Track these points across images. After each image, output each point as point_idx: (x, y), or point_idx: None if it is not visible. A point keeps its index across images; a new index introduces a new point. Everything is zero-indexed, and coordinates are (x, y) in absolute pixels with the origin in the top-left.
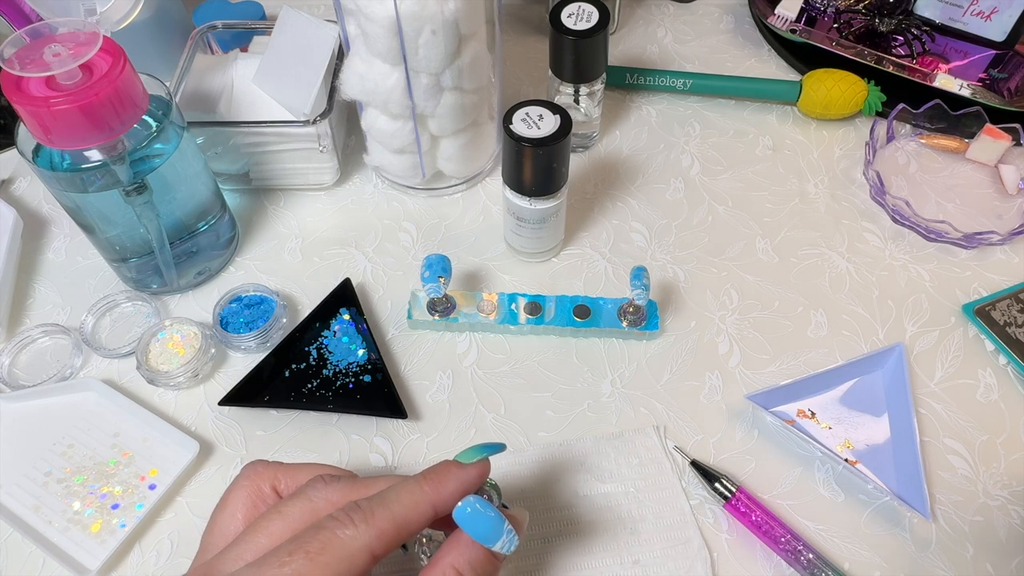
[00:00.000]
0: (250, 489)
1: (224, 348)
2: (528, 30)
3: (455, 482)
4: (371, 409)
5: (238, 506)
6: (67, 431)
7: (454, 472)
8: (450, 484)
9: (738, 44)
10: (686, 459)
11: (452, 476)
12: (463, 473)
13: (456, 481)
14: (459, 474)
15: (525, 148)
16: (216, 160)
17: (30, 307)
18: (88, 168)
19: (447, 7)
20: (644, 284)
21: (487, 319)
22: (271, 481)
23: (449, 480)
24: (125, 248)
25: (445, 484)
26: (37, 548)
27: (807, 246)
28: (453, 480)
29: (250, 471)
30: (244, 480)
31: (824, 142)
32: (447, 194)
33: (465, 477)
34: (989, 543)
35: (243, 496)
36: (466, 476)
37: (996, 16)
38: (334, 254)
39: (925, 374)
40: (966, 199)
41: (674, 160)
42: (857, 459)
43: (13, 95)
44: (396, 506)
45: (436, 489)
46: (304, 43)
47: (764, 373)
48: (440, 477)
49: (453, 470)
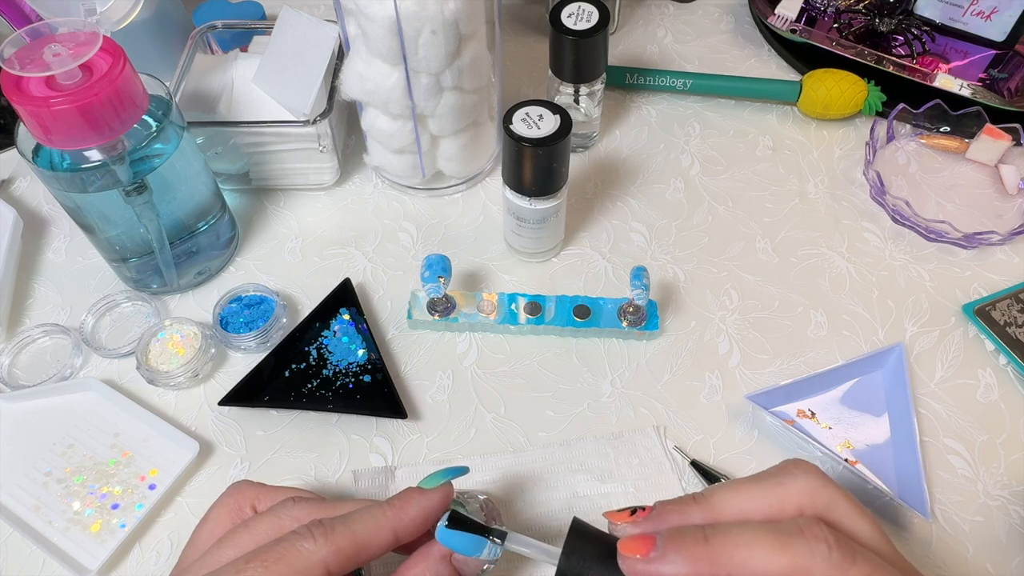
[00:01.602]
0: (230, 507)
1: (224, 348)
2: (528, 30)
3: (416, 508)
4: (371, 409)
5: (217, 522)
6: (67, 431)
7: (416, 498)
8: (411, 510)
9: (738, 44)
10: (686, 459)
11: (414, 502)
12: (424, 499)
13: (417, 507)
14: (421, 500)
15: (525, 148)
16: (216, 160)
17: (30, 307)
18: (88, 168)
19: (447, 7)
20: (644, 284)
21: (487, 319)
22: (251, 500)
23: (411, 506)
24: (125, 248)
25: (406, 510)
26: (37, 548)
27: (807, 246)
28: (414, 506)
29: (233, 490)
30: (226, 498)
31: (824, 142)
32: (447, 194)
33: (427, 503)
34: (989, 543)
35: (223, 513)
36: (428, 502)
37: (996, 16)
38: (334, 254)
39: (925, 374)
40: (966, 199)
41: (674, 160)
42: (857, 459)
43: (13, 95)
44: (357, 526)
45: (398, 515)
46: (304, 43)
47: (764, 373)
48: (402, 503)
49: (415, 496)
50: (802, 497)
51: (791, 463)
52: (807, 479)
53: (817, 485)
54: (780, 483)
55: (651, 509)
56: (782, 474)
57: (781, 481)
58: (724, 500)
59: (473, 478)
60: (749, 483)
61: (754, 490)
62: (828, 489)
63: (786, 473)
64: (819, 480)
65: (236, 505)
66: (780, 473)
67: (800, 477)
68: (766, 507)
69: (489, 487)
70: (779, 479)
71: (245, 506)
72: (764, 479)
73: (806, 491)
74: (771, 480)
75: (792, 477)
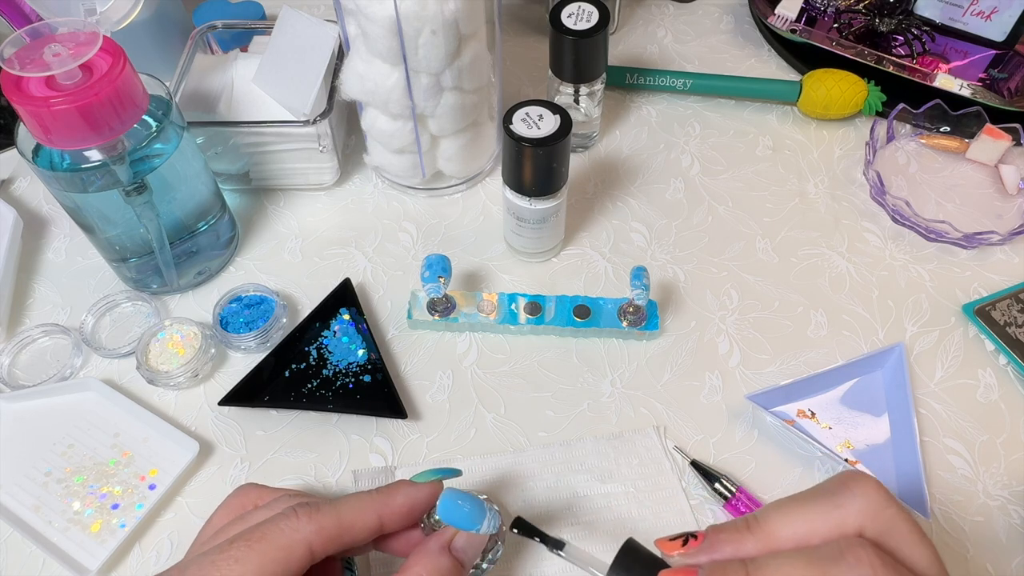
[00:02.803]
0: (233, 506)
1: (224, 348)
2: (528, 30)
3: (403, 496)
4: (371, 409)
5: (221, 522)
6: (67, 431)
7: (404, 488)
8: (398, 498)
9: (738, 44)
10: (686, 459)
11: (402, 491)
12: (413, 490)
13: (405, 496)
14: (408, 490)
15: (525, 148)
16: (216, 160)
17: (30, 307)
18: (88, 168)
19: (447, 7)
20: (644, 284)
21: (487, 319)
22: (254, 500)
23: (398, 494)
24: (125, 248)
25: (394, 497)
26: (37, 548)
27: (807, 246)
28: (402, 495)
29: (237, 491)
30: (230, 499)
31: (824, 142)
32: (447, 194)
33: (415, 493)
34: (989, 543)
35: (226, 513)
36: (416, 492)
37: (996, 16)
38: (334, 254)
39: (925, 374)
40: (966, 199)
41: (674, 160)
42: (857, 459)
43: (13, 95)
44: (343, 507)
45: (384, 500)
46: (304, 43)
47: (764, 373)
48: (390, 489)
49: (404, 486)
50: (862, 518)
51: (849, 478)
52: (867, 499)
53: (878, 506)
54: (839, 504)
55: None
56: (840, 492)
57: (840, 502)
58: (780, 525)
59: (473, 478)
60: (805, 504)
61: (810, 512)
62: (889, 511)
63: (845, 491)
64: (880, 500)
65: (239, 505)
66: (838, 491)
67: (860, 496)
68: (824, 531)
69: (489, 487)
70: (838, 499)
71: (248, 505)
72: (821, 498)
73: (867, 512)
74: (829, 500)
75: (851, 496)
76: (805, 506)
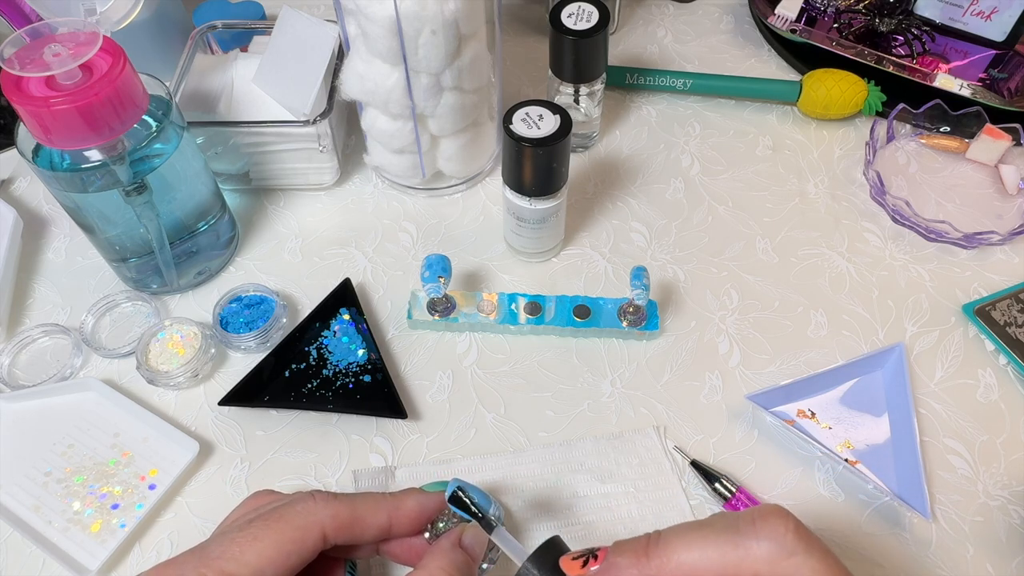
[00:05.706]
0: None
1: (224, 348)
2: (528, 30)
3: (414, 502)
4: (371, 409)
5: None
6: (67, 431)
7: (415, 495)
8: (409, 502)
9: (738, 44)
10: (686, 459)
11: (413, 497)
12: (424, 497)
13: (415, 501)
14: (419, 497)
15: (525, 148)
16: (216, 160)
17: (30, 307)
18: (88, 168)
19: (447, 7)
20: (644, 284)
21: (487, 319)
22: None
23: (409, 499)
24: (125, 248)
25: (404, 501)
26: (37, 548)
27: (807, 246)
28: (412, 500)
29: (255, 493)
30: (248, 500)
31: (824, 142)
32: (447, 194)
33: (425, 500)
34: (989, 543)
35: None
36: (426, 500)
37: (996, 16)
38: (334, 254)
39: (925, 374)
40: (966, 199)
41: (674, 160)
42: (857, 459)
43: (13, 95)
44: (357, 500)
45: (396, 502)
46: (304, 43)
47: (764, 373)
48: (402, 494)
49: (415, 493)
50: (759, 565)
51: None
52: (772, 544)
53: (782, 554)
54: (739, 544)
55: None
56: (746, 532)
57: (742, 543)
58: (679, 551)
59: (473, 478)
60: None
61: (710, 547)
62: (794, 559)
63: (751, 532)
64: (786, 546)
65: (254, 505)
66: (745, 530)
67: (764, 540)
68: (718, 569)
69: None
70: (741, 538)
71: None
72: (725, 533)
73: (766, 559)
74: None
75: (755, 540)
76: (707, 539)
